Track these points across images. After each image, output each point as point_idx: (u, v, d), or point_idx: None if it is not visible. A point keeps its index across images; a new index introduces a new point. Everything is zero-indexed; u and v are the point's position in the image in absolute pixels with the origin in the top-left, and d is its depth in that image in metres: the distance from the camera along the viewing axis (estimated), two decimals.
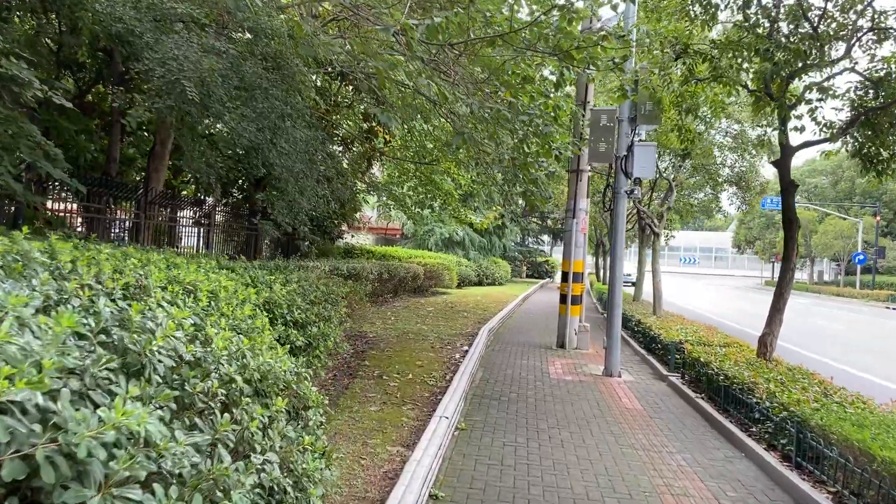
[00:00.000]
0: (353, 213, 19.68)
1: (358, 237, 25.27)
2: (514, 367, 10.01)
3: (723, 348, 9.21)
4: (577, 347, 12.33)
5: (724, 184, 19.92)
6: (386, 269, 17.01)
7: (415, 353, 9.78)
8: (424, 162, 18.22)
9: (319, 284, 7.34)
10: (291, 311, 5.60)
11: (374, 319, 13.65)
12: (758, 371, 7.35)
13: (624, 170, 9.71)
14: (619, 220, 9.87)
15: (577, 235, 12.34)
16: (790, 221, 8.20)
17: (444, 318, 14.98)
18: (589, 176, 12.69)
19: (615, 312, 9.85)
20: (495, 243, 32.59)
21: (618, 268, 9.91)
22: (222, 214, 16.43)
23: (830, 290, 47.96)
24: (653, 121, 9.58)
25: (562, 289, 12.51)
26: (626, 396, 8.39)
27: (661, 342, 10.51)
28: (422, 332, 12.31)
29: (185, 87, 6.48)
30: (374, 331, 11.99)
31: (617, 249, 9.91)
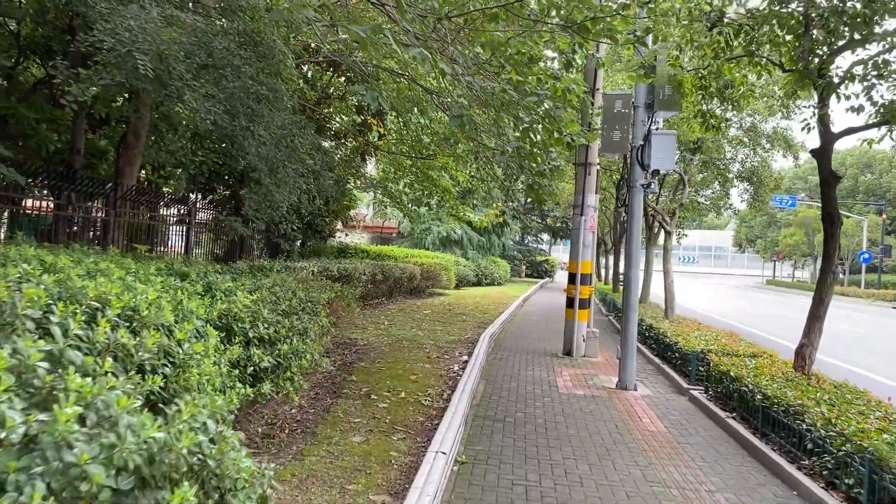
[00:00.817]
0: (345, 210, 18.72)
1: (352, 236, 24.31)
2: (519, 378, 9.05)
3: (751, 359, 8.27)
4: (585, 355, 11.38)
5: (734, 179, 19.02)
6: (380, 270, 16.06)
7: (409, 365, 8.81)
8: (421, 157, 17.26)
9: (298, 290, 6.37)
10: (256, 326, 4.64)
11: (366, 325, 12.68)
12: (800, 388, 6.41)
13: (640, 161, 8.76)
14: (635, 217, 8.92)
15: (586, 234, 11.38)
16: (831, 217, 7.25)
17: (442, 323, 14.02)
18: (598, 170, 11.74)
19: (631, 319, 8.90)
20: (494, 242, 31.63)
21: (633, 269, 8.96)
22: (207, 212, 15.44)
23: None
24: (672, 107, 8.62)
25: (568, 291, 11.55)
26: (646, 415, 7.44)
27: (680, 351, 9.56)
28: (417, 338, 11.34)
29: (138, 60, 5.52)
30: (366, 338, 11.02)
31: (632, 249, 8.96)
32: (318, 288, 8.87)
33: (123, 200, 10.66)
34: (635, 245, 8.95)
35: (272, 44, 7.63)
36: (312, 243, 20.02)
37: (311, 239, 19.60)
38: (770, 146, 16.77)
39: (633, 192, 8.90)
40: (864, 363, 12.97)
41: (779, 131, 15.72)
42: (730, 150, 17.91)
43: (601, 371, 10.15)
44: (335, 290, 8.90)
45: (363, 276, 14.80)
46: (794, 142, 15.76)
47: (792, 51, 7.07)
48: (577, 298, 11.28)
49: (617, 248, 24.08)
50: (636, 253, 8.97)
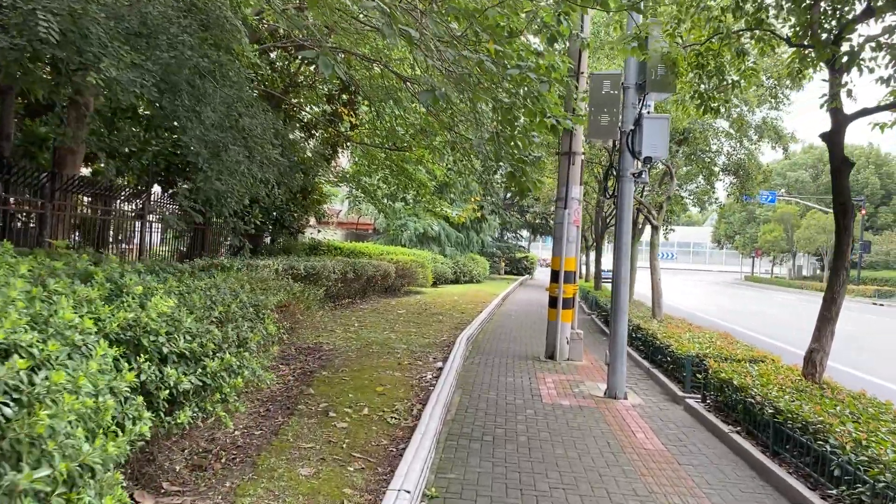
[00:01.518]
0: (315, 204, 17.77)
1: (325, 232, 23.33)
2: (499, 387, 8.23)
3: (752, 365, 7.53)
4: (569, 359, 10.60)
5: (720, 173, 18.40)
6: (352, 268, 15.15)
7: (377, 374, 7.95)
8: (394, 148, 16.38)
9: (242, 292, 5.48)
10: (174, 339, 3.75)
11: (334, 327, 11.79)
12: (814, 400, 5.67)
13: (630, 147, 7.97)
14: (625, 210, 8.14)
15: (570, 228, 10.60)
16: (844, 207, 6.51)
17: (417, 324, 13.16)
18: (582, 160, 10.95)
19: (620, 322, 8.12)
20: (473, 239, 30.82)
21: (623, 266, 8.18)
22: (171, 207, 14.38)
23: (813, 285, 47.07)
24: (666, 88, 7.84)
25: (551, 290, 10.76)
26: (640, 429, 6.66)
27: (673, 355, 8.81)
28: (389, 342, 10.47)
29: (40, 20, 4.59)
30: (332, 342, 10.13)
31: (622, 244, 8.17)
32: (276, 288, 7.98)
33: (64, 192, 9.64)
34: (625, 240, 8.17)
35: (218, 13, 6.71)
36: (283, 240, 19.06)
37: (280, 235, 18.62)
38: (758, 137, 16.14)
39: (623, 182, 8.12)
40: (861, 364, 12.37)
41: (768, 121, 15.07)
42: (715, 143, 17.28)
43: (587, 376, 9.37)
44: (292, 292, 8.01)
45: (332, 275, 13.89)
46: (784, 132, 15.13)
47: (801, 21, 6.31)
48: (561, 298, 10.50)
49: (599, 243, 23.40)
50: (626, 249, 8.19)
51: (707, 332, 10.18)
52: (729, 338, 9.75)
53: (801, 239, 50.10)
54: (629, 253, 8.23)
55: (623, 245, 8.17)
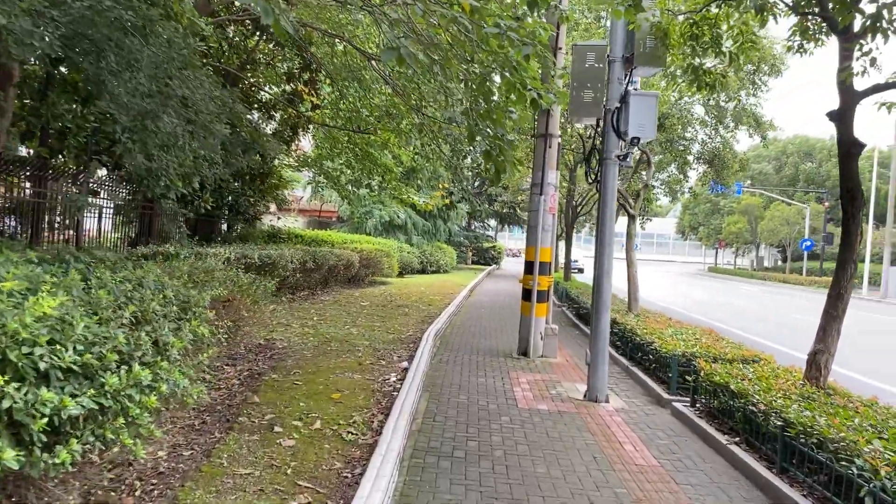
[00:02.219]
0: (273, 189, 16.75)
1: (286, 220, 22.30)
2: (470, 389, 7.48)
3: (746, 366, 6.92)
4: (543, 355, 9.91)
5: (693, 162, 17.92)
6: (311, 257, 14.23)
7: (334, 376, 7.12)
8: (358, 130, 15.47)
9: (168, 286, 4.60)
10: (58, 350, 2.89)
11: (290, 321, 10.89)
12: (824, 409, 5.04)
13: (616, 127, 7.25)
14: (609, 196, 7.43)
15: (545, 216, 9.87)
16: (852, 193, 5.89)
17: (381, 317, 12.34)
18: (559, 142, 10.22)
19: (602, 319, 7.42)
20: (440, 227, 30.02)
21: (606, 258, 7.48)
22: (113, 189, 13.24)
23: (776, 276, 47.49)
24: (655, 62, 7.13)
25: (525, 282, 10.04)
26: (627, 439, 5.97)
27: (656, 353, 8.16)
28: (350, 338, 9.64)
29: None
30: (287, 338, 9.26)
31: (605, 234, 7.46)
32: (222, 280, 7.09)
33: None
34: (608, 228, 7.46)
35: None
36: (241, 227, 18.02)
37: (238, 222, 17.58)
38: (735, 125, 15.64)
39: (607, 166, 7.40)
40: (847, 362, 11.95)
41: (748, 108, 14.56)
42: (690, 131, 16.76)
43: (563, 375, 8.69)
44: (238, 284, 7.13)
45: (290, 265, 12.97)
46: (762, 119, 14.63)
47: None
48: (535, 290, 9.78)
49: (569, 233, 22.82)
50: (609, 238, 7.49)
51: (690, 328, 9.58)
52: (713, 334, 9.16)
53: (764, 231, 50.50)
54: (612, 243, 7.53)
55: (606, 234, 7.46)
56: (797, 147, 57.06)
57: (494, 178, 6.26)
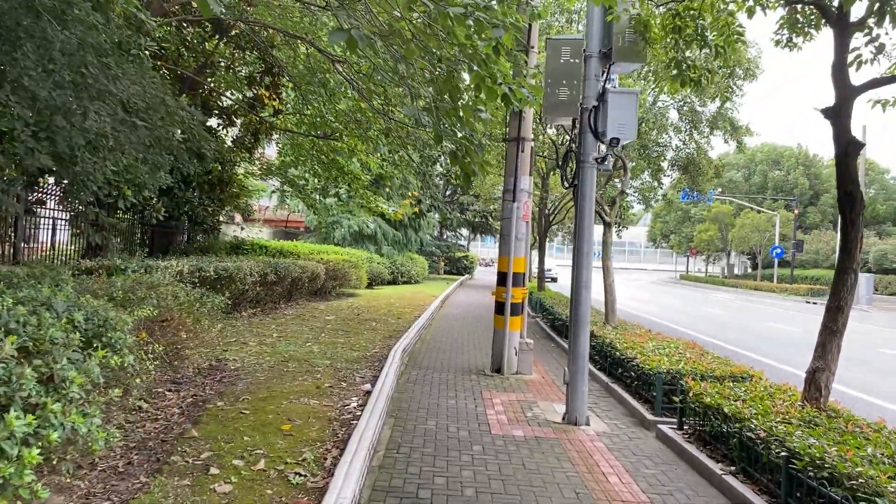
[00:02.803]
0: (233, 199, 15.97)
1: (250, 230, 21.46)
2: (439, 413, 6.85)
3: (737, 384, 6.41)
4: (518, 372, 9.33)
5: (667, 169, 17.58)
6: (273, 269, 13.49)
7: (287, 403, 6.43)
8: (323, 136, 14.82)
9: (78, 307, 3.90)
10: None
11: (248, 338, 10.16)
12: (831, 435, 4.53)
13: (593, 127, 6.73)
14: (587, 202, 6.88)
15: (519, 224, 9.32)
16: (852, 196, 5.41)
17: (346, 332, 11.65)
18: (532, 147, 9.69)
19: (581, 336, 6.86)
20: (411, 237, 29.38)
21: (585, 268, 6.93)
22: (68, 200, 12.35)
23: (747, 283, 47.73)
24: (635, 57, 6.64)
25: (497, 295, 9.46)
26: (612, 469, 5.39)
27: (638, 370, 7.62)
28: (310, 357, 8.94)
29: None
30: (242, 358, 8.53)
31: (584, 243, 6.91)
32: (163, 295, 6.38)
33: None
34: (587, 238, 6.92)
35: None
36: (203, 238, 17.19)
37: (198, 233, 16.75)
38: (709, 130, 15.31)
39: (584, 169, 6.86)
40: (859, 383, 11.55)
41: (723, 112, 14.23)
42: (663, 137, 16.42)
43: (540, 395, 8.11)
44: (179, 301, 6.42)
45: (249, 278, 12.23)
46: (738, 123, 14.31)
47: None
48: (509, 303, 9.21)
49: (542, 242, 22.35)
50: (588, 247, 6.94)
51: (672, 341, 9.08)
52: (698, 348, 8.67)
53: (735, 238, 50.80)
54: (591, 252, 6.98)
55: (584, 243, 6.91)
56: (766, 155, 57.68)
57: (464, 183, 5.66)
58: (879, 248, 40.21)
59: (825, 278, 42.76)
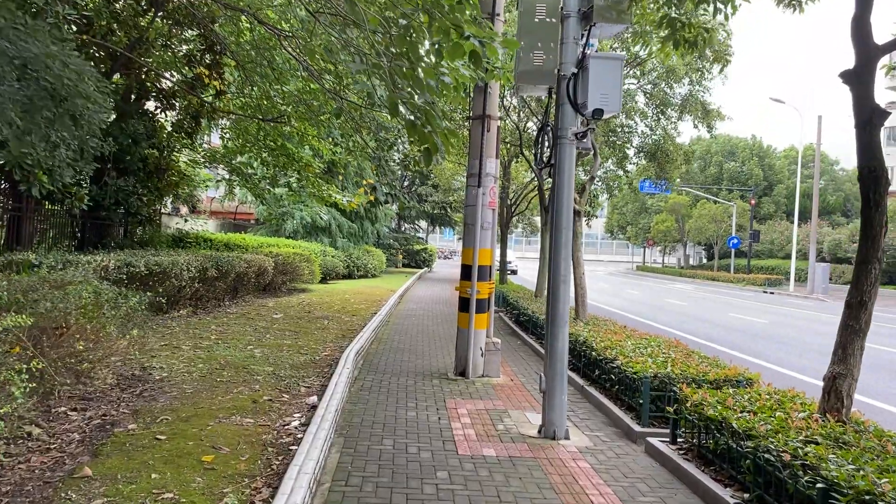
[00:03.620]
0: (172, 188, 14.65)
1: (195, 222, 20.07)
2: (397, 429, 5.91)
3: (736, 388, 5.65)
4: (484, 374, 8.45)
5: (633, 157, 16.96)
6: (214, 264, 12.31)
7: (216, 422, 5.40)
8: (269, 119, 13.68)
9: None
10: None
11: (182, 340, 9.04)
12: (869, 455, 3.76)
13: (572, 98, 5.85)
14: (565, 183, 6.01)
15: (485, 212, 8.43)
16: (875, 175, 4.64)
17: (294, 332, 10.59)
18: (498, 127, 8.78)
19: (559, 337, 5.99)
20: (368, 229, 28.25)
21: (563, 261, 6.06)
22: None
23: (704, 274, 47.99)
24: (619, 17, 5.77)
25: (461, 290, 8.55)
26: (603, 498, 4.53)
27: (621, 374, 6.80)
28: (250, 363, 7.88)
29: None
30: (171, 365, 7.43)
31: (561, 233, 6.04)
32: (73, 295, 5.30)
33: None
34: (565, 225, 6.04)
35: None
36: (142, 231, 15.84)
37: (138, 225, 15.38)
38: (679, 115, 14.68)
39: (562, 146, 5.97)
40: (807, 368, 11.02)
41: (695, 94, 13.60)
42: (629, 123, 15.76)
43: (510, 401, 7.24)
44: (81, 304, 5.32)
45: (186, 273, 11.05)
46: (710, 107, 13.69)
47: None
48: (474, 299, 8.31)
49: (504, 232, 21.57)
50: (566, 237, 6.07)
51: (652, 339, 8.31)
52: (681, 347, 7.92)
53: (692, 229, 51.05)
54: (570, 242, 6.12)
55: (562, 232, 6.04)
56: (721, 146, 58.16)
57: (425, 161, 4.71)
58: (833, 237, 40.73)
59: (781, 268, 43.24)
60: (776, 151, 59.72)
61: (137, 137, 13.19)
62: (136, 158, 13.24)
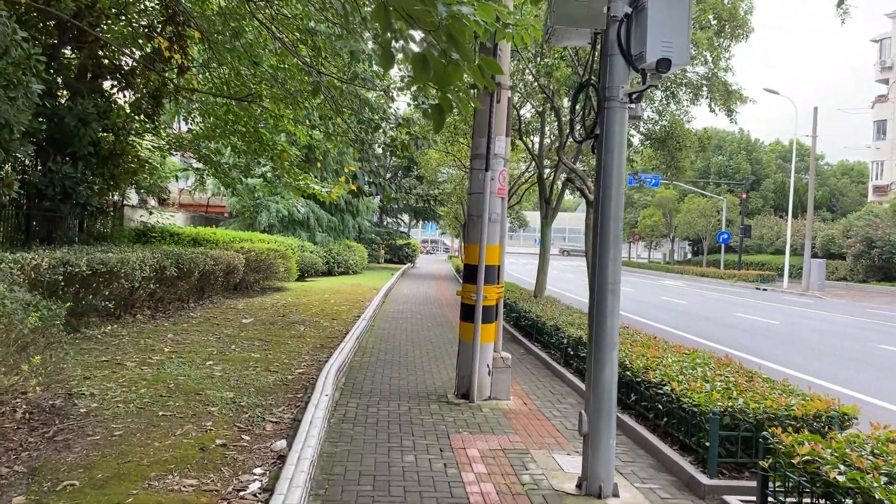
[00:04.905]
0: (129, 176, 12.99)
1: (161, 215, 18.37)
2: (392, 487, 4.45)
3: (829, 428, 4.27)
4: (491, 396, 7.03)
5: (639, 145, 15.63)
6: (174, 261, 10.74)
7: (142, 488, 3.89)
8: (239, 98, 12.13)
9: None
10: None
11: (128, 354, 7.50)
12: None
13: (624, 47, 4.42)
14: (615, 158, 4.58)
15: (493, 201, 6.99)
16: None
17: (265, 342, 9.09)
18: (510, 98, 7.32)
19: (606, 365, 4.55)
20: (348, 223, 26.67)
21: (611, 261, 4.63)
22: None
23: (693, 269, 47.01)
24: None
25: (465, 295, 7.10)
26: None
27: (675, 404, 5.40)
28: (206, 386, 6.37)
29: None
30: (104, 391, 5.91)
31: (609, 223, 4.61)
32: None
33: None
34: (613, 215, 4.61)
35: None
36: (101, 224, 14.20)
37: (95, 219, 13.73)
38: (692, 98, 13.34)
39: (611, 111, 4.54)
40: (844, 379, 9.73)
41: (718, 75, 12.25)
42: None
43: (529, 435, 5.82)
44: None
45: (138, 272, 9.48)
46: (733, 88, 12.35)
47: None
48: (480, 306, 6.86)
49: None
50: (615, 231, 4.64)
51: (695, 354, 6.92)
52: (732, 364, 6.53)
53: (681, 224, 50.07)
54: (620, 237, 4.69)
55: (610, 224, 4.62)
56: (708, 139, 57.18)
57: (435, 119, 3.23)
58: (827, 233, 39.88)
59: (772, 264, 42.35)
60: (763, 145, 58.98)
61: (87, 118, 11.52)
62: (86, 142, 11.57)
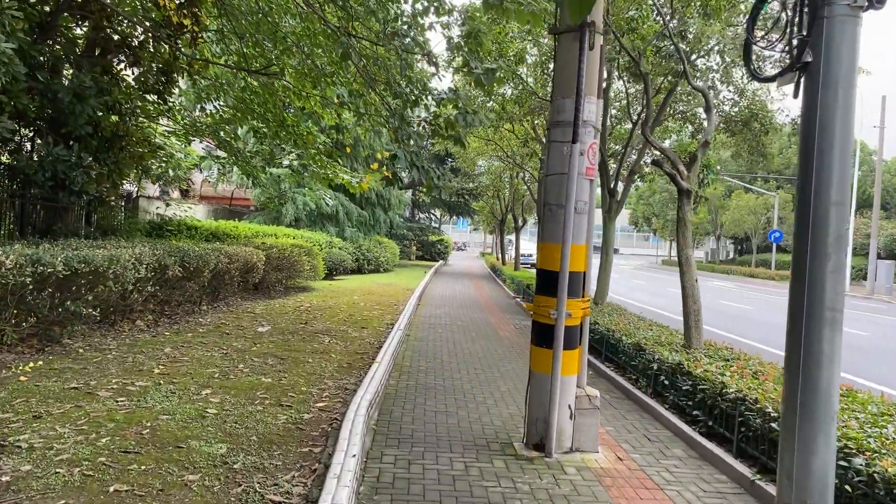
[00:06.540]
0: (136, 162, 11.43)
1: (178, 208, 16.92)
2: None
3: None
4: (574, 448, 5.23)
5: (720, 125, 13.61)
6: (178, 258, 9.13)
7: None
8: (258, 71, 10.52)
9: None
10: None
11: (110, 377, 5.87)
12: None
13: None
14: (839, 104, 2.74)
15: (581, 184, 5.17)
16: None
17: (280, 359, 7.41)
18: (603, 46, 5.46)
19: (818, 441, 2.72)
20: (379, 217, 25.02)
21: (829, 265, 2.80)
22: None
23: (740, 270, 44.41)
24: None
25: (538, 311, 5.29)
26: None
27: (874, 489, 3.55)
28: (192, 431, 4.68)
29: None
30: (50, 438, 4.25)
31: (829, 210, 2.78)
32: None
33: None
34: (836, 200, 2.78)
35: None
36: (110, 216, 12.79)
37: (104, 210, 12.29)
38: None
39: (831, 24, 2.71)
40: None
41: None
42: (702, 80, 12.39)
43: None
44: None
45: (131, 273, 7.87)
46: None
47: None
48: (562, 326, 5.06)
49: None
50: (836, 222, 2.81)
51: (853, 396, 5.02)
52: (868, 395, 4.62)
53: (727, 221, 47.46)
54: (843, 241, 2.88)
55: (830, 213, 2.79)
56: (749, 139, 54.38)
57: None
58: (890, 232, 37.05)
59: None
60: None
61: (83, 93, 9.95)
62: (82, 121, 10.01)
